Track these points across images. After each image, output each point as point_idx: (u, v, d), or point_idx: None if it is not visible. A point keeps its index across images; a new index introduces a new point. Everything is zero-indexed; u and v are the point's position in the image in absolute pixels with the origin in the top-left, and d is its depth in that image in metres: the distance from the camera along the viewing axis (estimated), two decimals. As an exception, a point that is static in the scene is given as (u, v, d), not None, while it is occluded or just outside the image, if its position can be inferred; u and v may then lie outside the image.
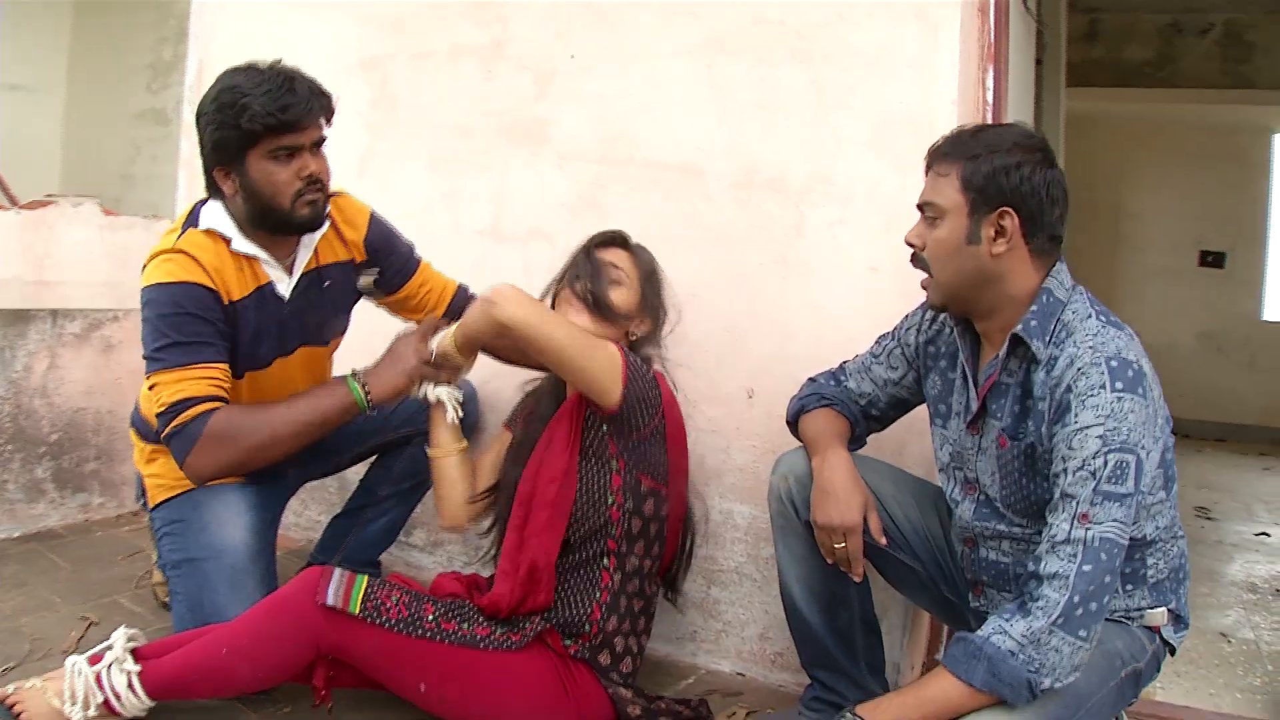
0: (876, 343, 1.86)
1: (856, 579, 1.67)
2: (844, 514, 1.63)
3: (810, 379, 1.91)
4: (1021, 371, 1.54)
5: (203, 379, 1.79)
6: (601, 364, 1.74)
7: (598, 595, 1.83)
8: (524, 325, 1.70)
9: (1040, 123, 3.63)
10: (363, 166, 2.71)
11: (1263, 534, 3.75)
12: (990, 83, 2.08)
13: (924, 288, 1.62)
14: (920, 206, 1.59)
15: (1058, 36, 4.10)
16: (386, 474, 2.30)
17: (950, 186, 1.52)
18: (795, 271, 2.18)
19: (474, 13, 2.54)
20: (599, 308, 1.85)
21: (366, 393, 1.85)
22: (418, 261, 2.19)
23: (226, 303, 1.87)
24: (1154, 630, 1.59)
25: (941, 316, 1.73)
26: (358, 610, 1.65)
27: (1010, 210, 1.49)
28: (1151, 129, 6.40)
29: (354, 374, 1.88)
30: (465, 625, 1.74)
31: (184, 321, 1.81)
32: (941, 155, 1.54)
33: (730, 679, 2.24)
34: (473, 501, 1.97)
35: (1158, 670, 1.64)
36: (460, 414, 1.92)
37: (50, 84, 4.71)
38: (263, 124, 1.76)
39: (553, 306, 1.92)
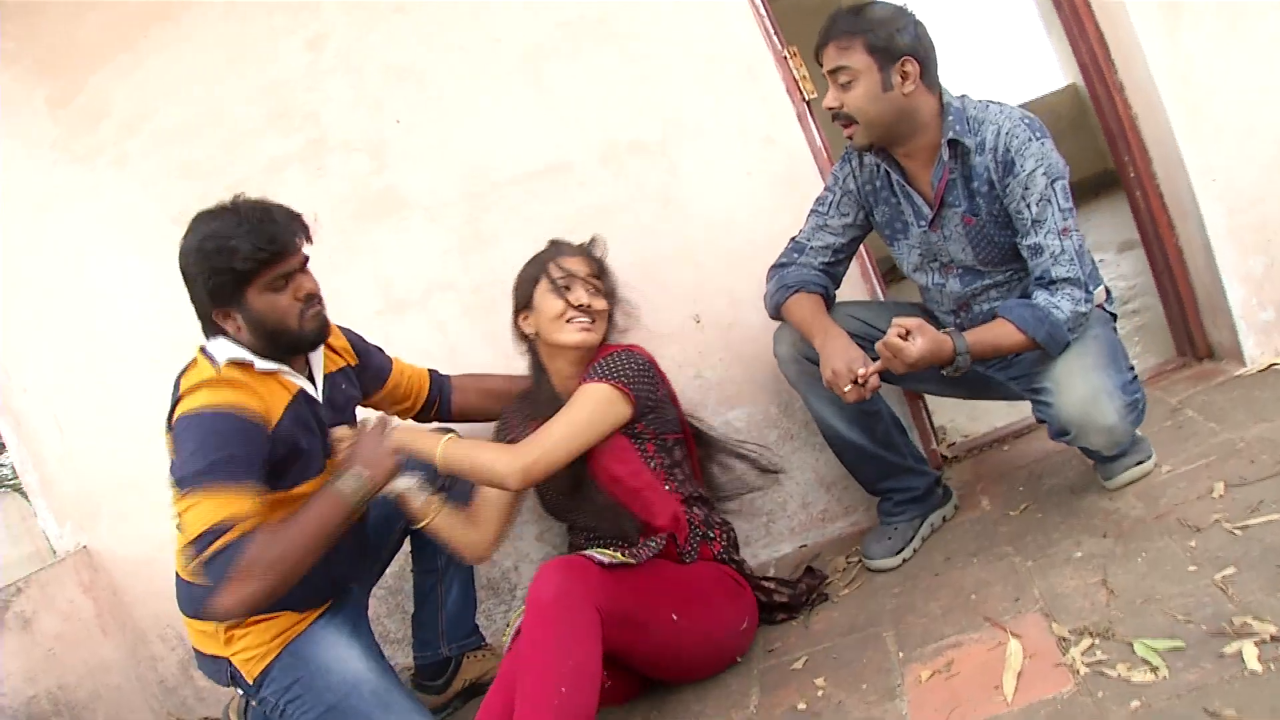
0: (817, 204, 2.21)
1: (868, 395, 1.95)
2: (848, 359, 1.94)
3: (772, 267, 2.22)
4: (959, 165, 1.98)
5: (241, 504, 1.73)
6: (605, 414, 1.99)
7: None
8: (550, 467, 1.94)
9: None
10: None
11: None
12: (761, 3, 2.47)
13: (849, 137, 2.02)
14: (831, 73, 1.97)
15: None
16: (429, 550, 2.34)
17: (858, 53, 1.93)
18: (681, 208, 2.48)
19: (279, 124, 2.61)
20: (613, 297, 2.16)
21: (355, 490, 1.86)
22: (390, 357, 2.29)
23: (272, 430, 1.85)
24: (1099, 306, 2.06)
25: (867, 161, 2.12)
26: (621, 559, 1.81)
27: (910, 58, 1.91)
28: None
29: (340, 475, 1.88)
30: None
31: (230, 442, 1.77)
32: (840, 33, 1.94)
33: (798, 554, 2.51)
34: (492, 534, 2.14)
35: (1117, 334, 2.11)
36: (423, 493, 2.05)
37: None
38: (255, 261, 1.80)
39: (525, 310, 2.15)
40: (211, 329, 1.91)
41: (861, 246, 2.34)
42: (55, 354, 2.83)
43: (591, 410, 1.98)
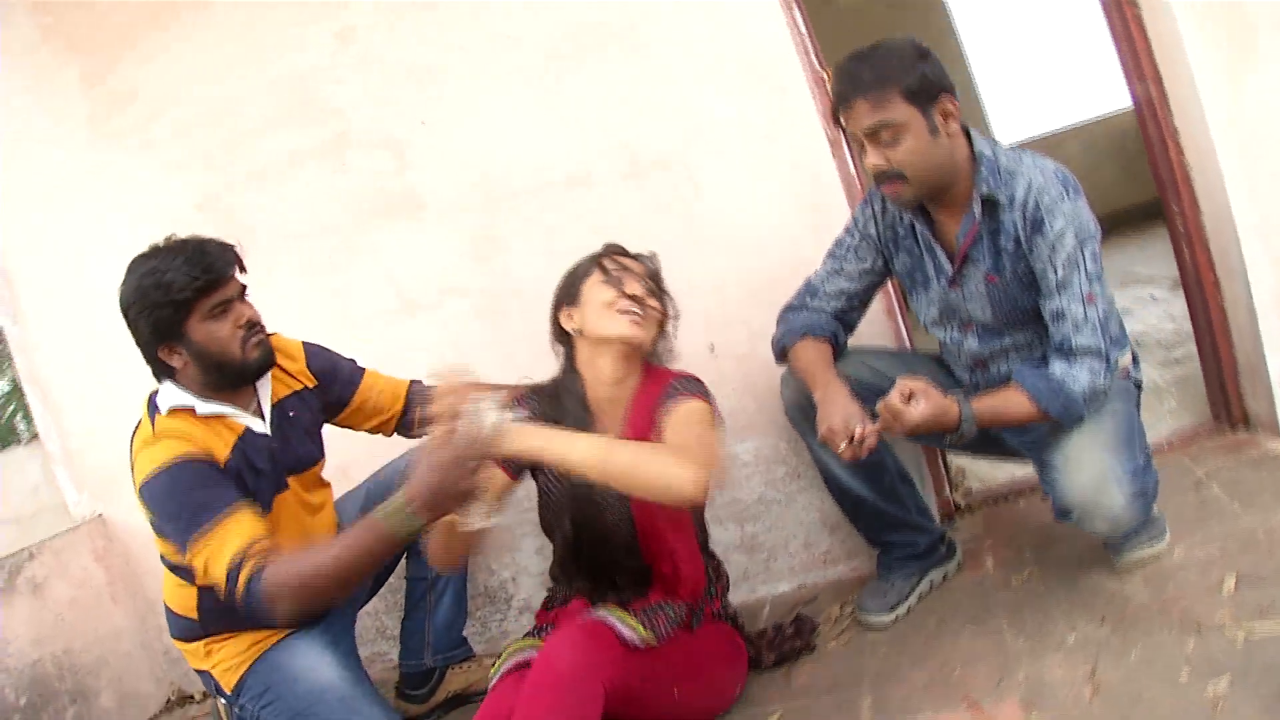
0: (835, 246, 2.10)
1: (863, 454, 1.82)
2: (846, 416, 1.82)
3: (783, 309, 2.14)
4: (987, 220, 1.86)
5: (241, 529, 1.75)
6: (713, 431, 1.83)
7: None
8: (715, 483, 1.69)
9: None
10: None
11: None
12: (799, 16, 2.37)
13: (894, 194, 1.85)
14: (870, 133, 1.78)
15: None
16: (424, 557, 2.33)
17: (896, 104, 1.75)
18: (702, 230, 2.41)
19: (303, 117, 2.59)
20: (664, 303, 1.99)
21: (415, 517, 1.63)
22: (362, 370, 2.26)
23: (222, 467, 1.88)
24: (1124, 375, 1.96)
25: (890, 206, 1.99)
26: (644, 635, 1.71)
27: (946, 94, 1.78)
28: (848, 21, 7.00)
29: (396, 502, 1.64)
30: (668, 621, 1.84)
31: (194, 488, 1.80)
32: (869, 85, 1.75)
33: (796, 594, 2.45)
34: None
35: (1139, 403, 2.01)
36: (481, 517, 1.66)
37: None
38: (192, 290, 1.84)
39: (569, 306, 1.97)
40: (160, 369, 1.94)
41: (889, 282, 2.25)
42: (82, 328, 2.87)
43: (709, 428, 1.80)
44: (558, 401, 1.98)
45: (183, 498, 1.80)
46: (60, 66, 2.71)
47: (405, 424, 2.27)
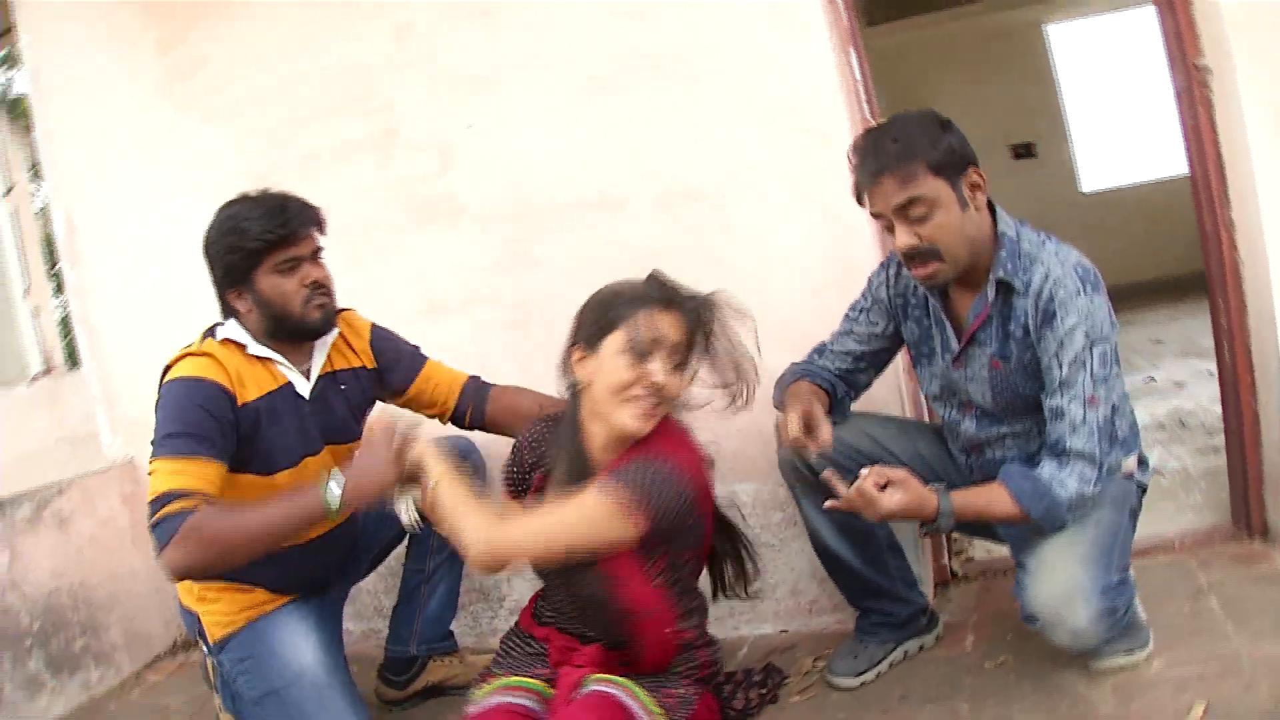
0: (850, 308, 2.08)
1: (814, 447, 1.85)
2: (804, 412, 1.86)
3: (791, 364, 2.12)
4: (1000, 303, 1.81)
5: (196, 475, 1.80)
6: (599, 531, 1.65)
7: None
8: (517, 561, 1.73)
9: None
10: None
11: (1150, 379, 4.17)
12: (855, 62, 2.33)
13: (927, 275, 1.78)
14: (900, 210, 1.72)
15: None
16: (424, 549, 2.39)
17: (924, 179, 1.70)
18: (726, 268, 2.38)
19: (357, 108, 2.64)
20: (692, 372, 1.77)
21: (340, 499, 1.79)
22: (424, 360, 2.30)
23: (240, 405, 1.95)
24: (1128, 476, 1.90)
25: (904, 273, 1.94)
26: None
27: (973, 165, 1.74)
28: (942, 48, 6.91)
29: (331, 477, 1.81)
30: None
31: (194, 414, 1.87)
32: (894, 162, 1.70)
33: (777, 638, 2.45)
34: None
35: (1140, 507, 1.94)
36: (419, 525, 1.86)
37: None
38: (264, 241, 1.92)
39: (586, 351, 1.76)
40: (226, 310, 2.03)
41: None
42: (131, 279, 2.99)
43: (588, 522, 1.65)
44: (557, 435, 1.88)
45: (181, 414, 1.87)
46: (138, 28, 2.82)
47: (458, 417, 2.30)
